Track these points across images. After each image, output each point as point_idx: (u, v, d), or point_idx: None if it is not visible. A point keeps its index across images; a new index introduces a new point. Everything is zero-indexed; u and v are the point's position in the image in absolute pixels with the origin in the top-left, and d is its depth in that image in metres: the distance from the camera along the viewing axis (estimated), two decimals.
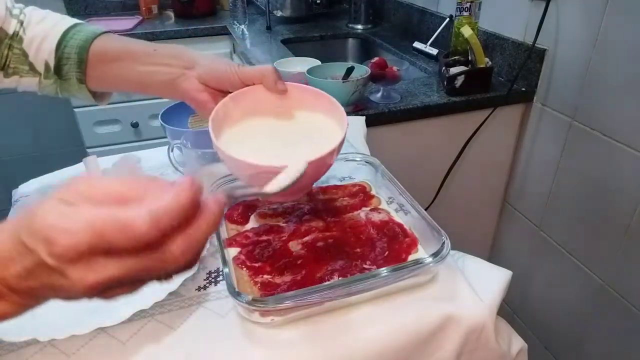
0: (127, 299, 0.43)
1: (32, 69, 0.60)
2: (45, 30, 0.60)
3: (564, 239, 1.16)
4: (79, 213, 0.29)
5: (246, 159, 0.46)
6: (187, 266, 0.32)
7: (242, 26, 1.79)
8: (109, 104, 1.89)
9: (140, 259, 0.29)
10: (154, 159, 0.82)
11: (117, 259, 0.29)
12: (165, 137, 0.81)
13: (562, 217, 1.15)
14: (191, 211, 0.30)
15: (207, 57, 0.58)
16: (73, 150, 2.09)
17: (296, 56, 1.39)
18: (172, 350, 0.48)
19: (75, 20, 0.62)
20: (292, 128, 0.57)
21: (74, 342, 0.48)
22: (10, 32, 0.59)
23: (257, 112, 0.57)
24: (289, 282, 0.52)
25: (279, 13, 1.88)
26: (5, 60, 0.59)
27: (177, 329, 0.50)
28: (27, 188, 0.75)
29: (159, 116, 0.82)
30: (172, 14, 2.07)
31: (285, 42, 1.66)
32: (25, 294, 0.31)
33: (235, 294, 0.47)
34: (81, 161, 0.76)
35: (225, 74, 0.55)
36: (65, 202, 0.29)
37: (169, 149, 0.75)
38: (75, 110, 1.72)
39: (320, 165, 0.50)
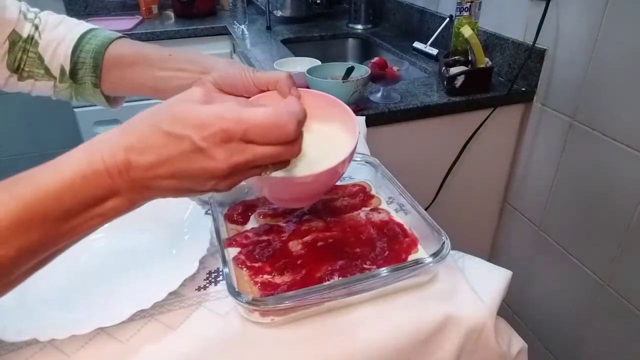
0: (127, 299, 0.44)
1: (48, 73, 0.61)
2: (61, 34, 0.60)
3: (564, 239, 1.16)
4: (231, 110, 0.36)
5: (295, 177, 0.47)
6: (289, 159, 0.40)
7: (242, 26, 1.79)
8: None
9: (275, 148, 0.37)
10: None
11: (254, 146, 0.36)
12: None
13: (562, 217, 1.15)
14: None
15: (222, 61, 0.58)
16: None
17: (296, 56, 1.39)
18: (172, 350, 0.48)
19: (91, 25, 0.63)
20: (305, 136, 0.57)
21: (74, 342, 0.48)
22: (25, 35, 0.59)
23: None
24: (289, 282, 0.52)
25: (279, 13, 1.88)
26: (19, 63, 0.60)
27: (177, 329, 0.50)
28: None
29: None
30: (172, 14, 2.07)
31: (285, 42, 1.66)
32: (142, 186, 0.35)
33: (235, 294, 0.47)
34: None
35: (240, 79, 0.55)
36: (206, 102, 0.37)
37: None
38: (75, 110, 1.73)
39: (333, 174, 0.51)
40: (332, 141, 0.54)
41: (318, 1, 1.99)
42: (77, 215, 0.34)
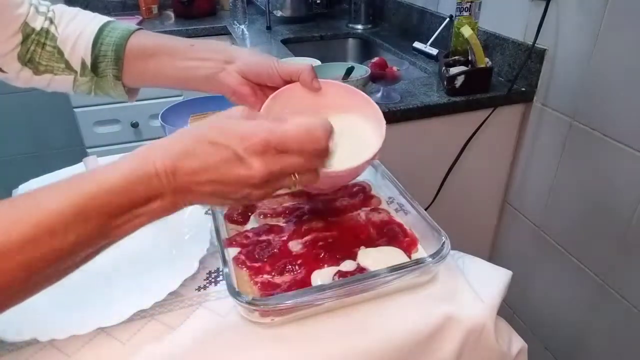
0: (127, 299, 0.44)
1: (68, 67, 0.61)
2: (79, 27, 0.60)
3: (564, 239, 1.16)
4: (269, 123, 0.40)
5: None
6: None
7: (242, 26, 1.79)
8: (109, 103, 1.88)
9: (307, 158, 0.40)
10: None
11: (287, 155, 0.39)
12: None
13: (562, 217, 1.15)
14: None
15: (246, 51, 0.60)
16: (73, 150, 2.09)
17: (296, 56, 1.39)
18: (172, 350, 0.48)
19: (107, 18, 0.63)
20: (331, 113, 0.57)
21: (74, 342, 0.48)
22: (38, 28, 0.59)
23: (297, 111, 0.56)
24: (289, 282, 0.52)
25: (279, 13, 1.88)
26: (32, 56, 0.59)
27: (177, 329, 0.50)
28: (27, 188, 0.75)
29: (159, 116, 0.82)
30: (172, 14, 2.07)
31: (285, 42, 1.66)
32: (186, 190, 0.38)
33: (235, 294, 0.47)
34: (81, 161, 0.76)
35: (265, 68, 0.57)
36: (247, 118, 0.41)
37: None
38: (75, 110, 1.72)
39: (364, 166, 0.52)
40: (357, 132, 0.56)
41: (318, 1, 1.99)
42: (128, 212, 0.37)
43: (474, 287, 0.55)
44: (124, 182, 0.37)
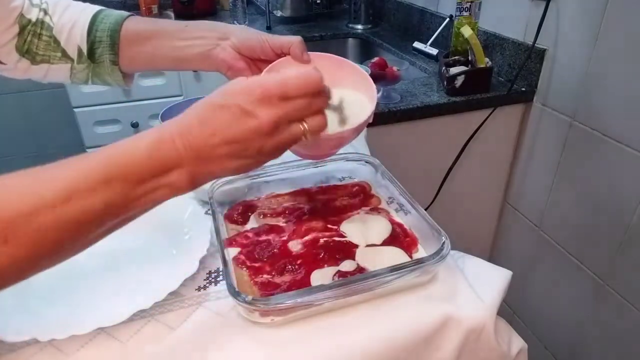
0: (127, 299, 0.44)
1: (65, 55, 0.62)
2: (73, 16, 0.61)
3: (564, 239, 1.16)
4: (266, 76, 0.42)
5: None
6: (322, 109, 0.44)
7: (242, 26, 1.79)
8: (109, 103, 1.87)
9: (307, 98, 0.42)
10: None
11: (290, 100, 0.41)
12: None
13: (562, 217, 1.15)
14: None
15: (238, 27, 0.62)
16: (73, 150, 2.08)
17: None
18: (172, 350, 0.48)
19: (99, 7, 0.64)
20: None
21: (74, 342, 0.48)
22: (34, 19, 0.60)
23: None
24: (289, 282, 0.52)
25: (279, 13, 1.88)
26: (29, 46, 0.60)
27: (177, 329, 0.50)
28: None
29: (159, 116, 0.82)
30: (172, 14, 2.07)
31: None
32: (202, 158, 0.40)
33: (235, 294, 0.47)
34: None
35: (258, 42, 0.59)
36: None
37: None
38: (75, 110, 1.72)
39: (360, 127, 0.53)
40: (350, 99, 0.56)
41: (318, 1, 1.99)
42: (149, 180, 0.39)
43: (474, 287, 0.55)
44: (143, 150, 0.38)
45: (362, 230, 0.60)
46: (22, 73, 0.62)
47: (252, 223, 0.63)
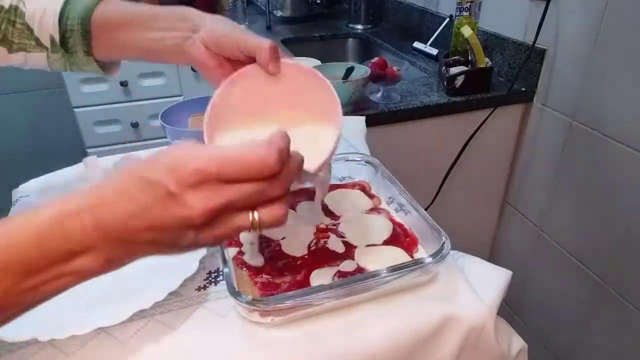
0: (127, 299, 0.44)
1: (39, 43, 0.59)
2: (44, 2, 0.58)
3: (564, 239, 1.16)
4: (203, 149, 0.33)
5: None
6: (281, 197, 0.35)
7: (242, 26, 1.79)
8: (109, 103, 1.87)
9: (257, 184, 0.33)
10: None
11: (233, 185, 0.32)
12: (165, 137, 0.81)
13: (562, 217, 1.15)
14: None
15: (209, 19, 0.54)
16: (73, 150, 2.08)
17: (296, 56, 1.39)
18: (172, 350, 0.48)
19: None
20: (285, 119, 0.52)
21: (74, 342, 0.48)
22: (6, 5, 0.57)
23: (253, 100, 0.52)
24: (289, 282, 0.52)
25: (279, 13, 1.88)
26: (4, 34, 0.57)
27: (177, 329, 0.50)
28: (27, 188, 0.75)
29: (159, 116, 0.82)
30: None
31: (285, 42, 1.66)
32: (119, 240, 0.32)
33: (235, 294, 0.47)
34: (81, 161, 0.76)
35: (226, 39, 0.52)
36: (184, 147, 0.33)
37: None
38: (75, 110, 1.72)
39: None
40: (314, 133, 0.50)
41: (318, 1, 1.99)
42: (43, 271, 0.31)
43: (474, 287, 0.55)
44: (35, 232, 0.30)
45: (362, 230, 0.60)
46: (1, 61, 0.59)
47: None
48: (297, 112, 0.51)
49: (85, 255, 0.32)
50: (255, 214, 0.34)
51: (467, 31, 1.07)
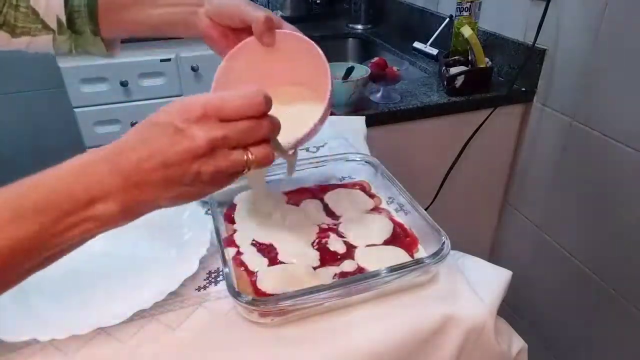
0: (127, 299, 0.44)
1: (45, 26, 0.59)
2: None
3: (564, 239, 1.16)
4: (206, 94, 0.39)
5: None
6: (268, 141, 0.41)
7: None
8: (108, 103, 1.86)
9: (248, 122, 0.38)
10: None
11: (229, 122, 0.38)
12: None
13: (562, 217, 1.15)
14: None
15: None
16: (73, 150, 2.08)
17: None
18: (172, 350, 0.48)
19: None
20: (280, 94, 0.53)
21: (74, 342, 0.48)
22: None
23: (252, 74, 0.55)
24: None
25: (279, 13, 1.88)
26: (7, 18, 0.58)
27: (177, 329, 0.50)
28: None
29: None
30: None
31: None
32: (133, 186, 0.36)
33: (235, 294, 0.47)
34: None
35: (227, 9, 0.55)
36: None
37: None
38: (75, 110, 1.72)
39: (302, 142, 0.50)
40: (302, 105, 0.53)
41: (318, 1, 1.99)
42: (70, 215, 0.34)
43: (474, 287, 0.55)
44: (63, 180, 0.34)
45: (362, 230, 0.60)
46: (3, 46, 0.60)
47: None
48: (292, 88, 0.55)
49: (105, 202, 0.35)
50: (249, 153, 0.39)
51: (467, 31, 1.07)
